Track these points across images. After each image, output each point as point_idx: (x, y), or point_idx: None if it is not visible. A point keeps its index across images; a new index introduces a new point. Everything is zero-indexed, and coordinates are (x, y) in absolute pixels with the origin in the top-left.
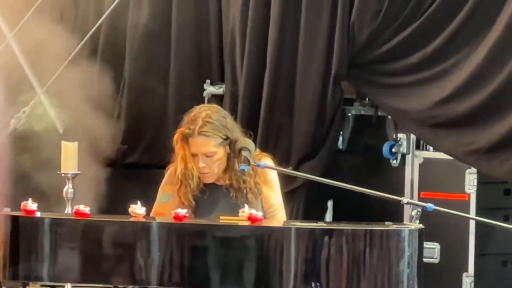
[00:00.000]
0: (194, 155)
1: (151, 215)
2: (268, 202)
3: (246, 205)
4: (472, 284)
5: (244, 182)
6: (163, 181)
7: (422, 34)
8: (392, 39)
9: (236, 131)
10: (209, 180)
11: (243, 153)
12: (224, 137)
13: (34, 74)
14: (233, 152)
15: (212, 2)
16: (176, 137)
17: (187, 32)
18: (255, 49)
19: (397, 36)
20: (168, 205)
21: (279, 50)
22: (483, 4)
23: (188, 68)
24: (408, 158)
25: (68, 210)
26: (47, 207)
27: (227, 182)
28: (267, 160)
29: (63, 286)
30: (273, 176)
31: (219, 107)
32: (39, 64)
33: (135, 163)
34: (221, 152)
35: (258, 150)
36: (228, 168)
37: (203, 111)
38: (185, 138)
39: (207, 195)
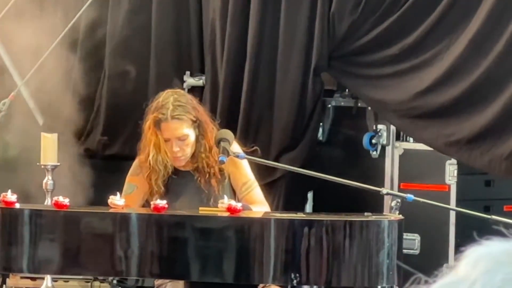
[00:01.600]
0: (166, 140)
1: None
2: (239, 182)
3: (225, 196)
4: None
5: (208, 166)
6: (129, 172)
7: (402, 26)
8: (372, 31)
9: (202, 113)
10: (181, 163)
11: (222, 144)
12: (194, 119)
13: (14, 65)
14: (201, 134)
15: None
16: (149, 123)
17: (167, 24)
18: (235, 41)
19: (377, 28)
20: (132, 195)
21: (259, 42)
22: None
23: (168, 59)
24: (388, 149)
25: (48, 201)
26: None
27: (194, 165)
28: (234, 144)
29: (43, 278)
30: (242, 163)
31: (183, 91)
32: (19, 55)
33: (115, 155)
34: (192, 135)
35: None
36: (195, 151)
37: (170, 96)
38: (157, 124)
39: (175, 179)
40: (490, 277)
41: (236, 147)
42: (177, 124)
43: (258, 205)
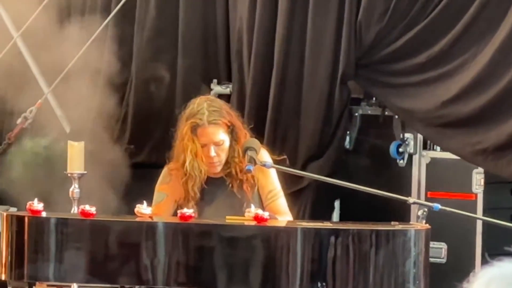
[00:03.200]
0: (203, 146)
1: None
2: (265, 189)
3: (252, 205)
4: None
5: (241, 171)
6: (158, 181)
7: (429, 34)
8: (399, 39)
9: (235, 118)
10: (216, 170)
11: (249, 153)
12: (229, 124)
13: (41, 73)
14: (234, 140)
15: (219, 1)
16: (185, 129)
17: (194, 32)
18: (262, 49)
19: (404, 36)
20: (163, 204)
21: (286, 50)
22: (490, 4)
23: (195, 67)
24: (415, 158)
25: (74, 210)
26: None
27: (227, 171)
28: (261, 150)
29: (70, 286)
30: (262, 174)
31: (215, 97)
32: (46, 63)
33: (142, 163)
34: (227, 140)
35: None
36: (228, 157)
37: (203, 102)
38: (194, 130)
39: (209, 185)
40: None
41: (265, 155)
42: (214, 129)
43: (282, 216)
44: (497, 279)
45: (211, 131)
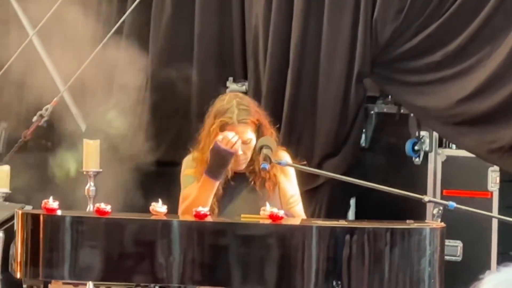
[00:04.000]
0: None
1: (180, 200)
2: (287, 193)
3: (267, 203)
4: None
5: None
6: (183, 168)
7: (444, 32)
8: (415, 37)
9: (263, 116)
10: (242, 166)
11: (264, 151)
12: (256, 122)
13: (57, 71)
14: (260, 137)
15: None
16: (214, 127)
17: (209, 30)
18: (278, 47)
19: (419, 34)
20: (194, 187)
21: (302, 48)
22: (506, 2)
23: (211, 65)
24: (431, 156)
25: (90, 208)
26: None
27: (250, 168)
28: (283, 153)
29: (85, 284)
30: (290, 168)
31: (243, 94)
32: (62, 62)
33: (158, 161)
34: (254, 138)
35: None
36: (252, 154)
37: (233, 99)
38: (223, 128)
39: (232, 181)
40: None
41: (286, 158)
42: (243, 128)
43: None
44: (503, 284)
45: (240, 130)
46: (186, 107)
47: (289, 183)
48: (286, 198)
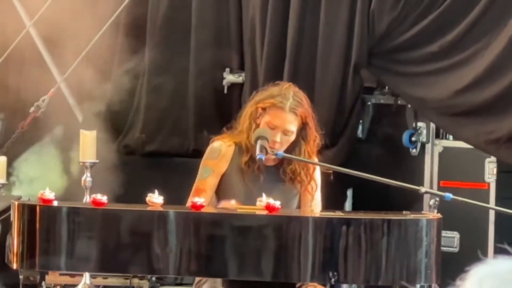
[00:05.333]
0: (272, 128)
1: (192, 190)
2: (310, 196)
3: (263, 194)
4: None
5: (296, 173)
6: (205, 155)
7: (442, 23)
8: (412, 28)
9: (312, 119)
10: (270, 157)
11: (260, 142)
12: (304, 120)
13: (54, 62)
14: (303, 139)
15: None
16: (261, 105)
17: (206, 20)
18: (274, 38)
19: (417, 25)
20: (208, 180)
21: (299, 39)
22: None
23: (208, 56)
24: (428, 147)
25: (86, 199)
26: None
27: (284, 165)
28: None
29: (82, 275)
30: (318, 173)
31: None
32: (59, 53)
33: (154, 152)
34: (295, 134)
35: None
36: (292, 152)
37: (290, 88)
38: (270, 109)
39: (264, 170)
40: None
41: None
42: (291, 118)
43: None
44: (489, 277)
45: (288, 117)
46: (183, 99)
47: (316, 186)
48: (309, 201)
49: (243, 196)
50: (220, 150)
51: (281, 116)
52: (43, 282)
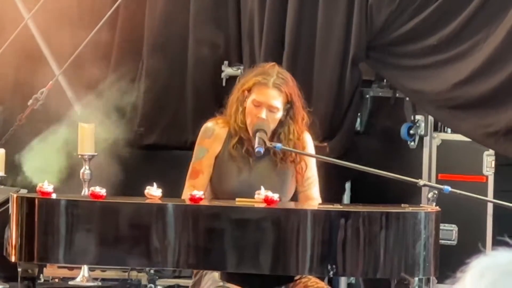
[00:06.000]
0: (256, 105)
1: (189, 172)
2: (304, 174)
3: (262, 187)
4: None
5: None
6: (199, 135)
7: (440, 16)
8: (410, 21)
9: (298, 98)
10: None
11: (258, 134)
12: (289, 99)
13: (52, 54)
14: (291, 118)
15: None
16: (246, 85)
17: (205, 13)
18: (273, 31)
19: (415, 18)
20: (204, 160)
21: (297, 32)
22: None
23: (206, 49)
24: (426, 140)
25: (85, 191)
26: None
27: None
28: (306, 134)
29: (80, 267)
30: (311, 150)
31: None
32: (57, 45)
33: (153, 145)
34: (281, 112)
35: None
36: (276, 132)
37: (275, 67)
38: (255, 87)
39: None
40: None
41: (308, 138)
42: (275, 93)
43: (313, 202)
44: (490, 269)
45: (271, 93)
46: (181, 91)
47: (308, 165)
48: (303, 180)
49: (236, 179)
50: (214, 130)
51: (265, 92)
52: (42, 275)
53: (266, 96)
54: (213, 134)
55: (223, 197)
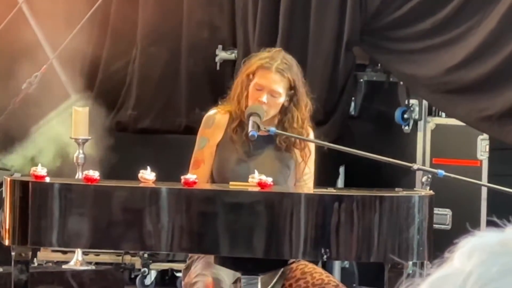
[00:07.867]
0: (258, 89)
1: (191, 162)
2: (303, 168)
3: (256, 171)
4: None
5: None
6: (202, 124)
7: (434, 1)
8: (405, 5)
9: (301, 84)
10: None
11: (252, 118)
12: (292, 85)
13: (46, 38)
14: (294, 105)
15: None
16: (250, 69)
17: None
18: (267, 14)
19: (409, 2)
20: (205, 150)
21: (291, 16)
22: None
23: (200, 33)
24: (420, 124)
25: (79, 175)
26: None
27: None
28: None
29: (74, 251)
30: (312, 147)
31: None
32: (51, 29)
33: (146, 129)
34: (283, 98)
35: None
36: (280, 119)
37: (280, 52)
38: (258, 70)
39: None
40: (485, 268)
41: (311, 135)
42: (278, 78)
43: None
44: (478, 249)
45: (273, 77)
46: (175, 75)
47: (309, 158)
48: (301, 173)
49: (235, 163)
50: (214, 118)
51: (267, 76)
52: (35, 259)
53: (268, 80)
54: (213, 123)
55: (223, 181)
